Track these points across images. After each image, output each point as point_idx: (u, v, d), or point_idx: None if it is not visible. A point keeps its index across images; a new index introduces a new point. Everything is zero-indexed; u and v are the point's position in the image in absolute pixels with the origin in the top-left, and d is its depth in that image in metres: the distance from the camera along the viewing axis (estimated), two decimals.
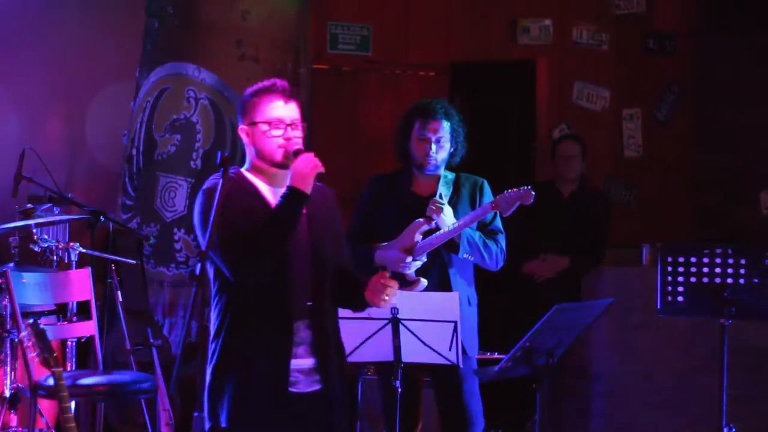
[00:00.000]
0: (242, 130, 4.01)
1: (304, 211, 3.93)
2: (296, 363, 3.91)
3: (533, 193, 4.98)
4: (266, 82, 4.03)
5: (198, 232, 3.97)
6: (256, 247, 3.82)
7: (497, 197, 5.06)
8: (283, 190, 3.94)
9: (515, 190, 5.01)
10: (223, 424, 3.88)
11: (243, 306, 3.90)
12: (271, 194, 3.97)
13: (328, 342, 3.98)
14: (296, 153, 3.93)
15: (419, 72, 8.01)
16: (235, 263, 3.83)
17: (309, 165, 3.89)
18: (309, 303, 3.93)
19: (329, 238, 4.02)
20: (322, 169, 3.90)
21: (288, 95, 3.99)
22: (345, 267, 4.11)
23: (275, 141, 3.95)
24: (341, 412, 4.00)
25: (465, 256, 5.09)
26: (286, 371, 3.89)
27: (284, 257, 3.89)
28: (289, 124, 3.96)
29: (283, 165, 3.95)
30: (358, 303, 4.09)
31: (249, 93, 4.04)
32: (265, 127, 3.94)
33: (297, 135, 3.98)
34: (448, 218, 5.06)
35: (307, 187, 3.88)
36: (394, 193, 5.28)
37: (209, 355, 3.96)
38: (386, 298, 3.95)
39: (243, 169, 4.03)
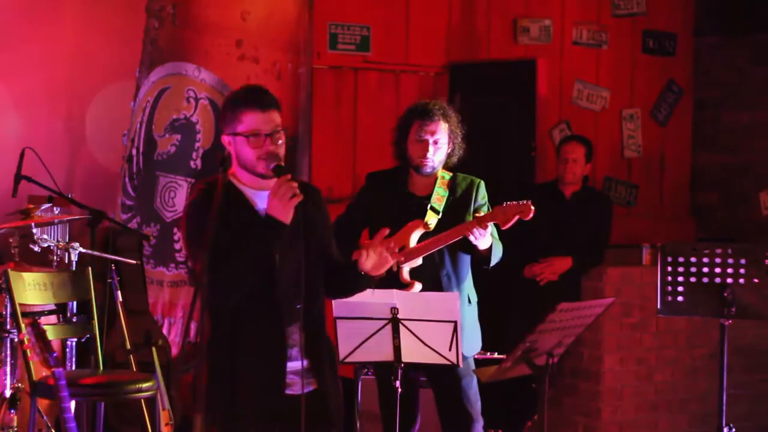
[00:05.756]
0: (224, 139, 4.00)
1: (293, 213, 3.90)
2: (290, 365, 3.94)
3: (533, 208, 4.94)
4: (242, 91, 4.00)
5: (186, 245, 3.97)
6: (233, 273, 3.82)
7: (495, 209, 5.02)
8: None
9: (515, 203, 4.97)
10: (221, 428, 3.90)
11: (236, 313, 3.91)
12: (256, 197, 3.97)
13: (319, 342, 4.01)
14: (276, 170, 3.89)
15: (419, 72, 8.01)
16: (211, 284, 3.78)
17: (285, 195, 3.82)
18: (299, 306, 3.90)
19: (317, 240, 4.03)
20: (299, 198, 3.84)
21: (265, 104, 3.93)
22: (336, 259, 4.14)
23: (255, 153, 3.91)
24: (336, 408, 4.04)
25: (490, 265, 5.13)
26: (283, 375, 3.92)
27: (273, 269, 3.89)
28: (268, 134, 3.92)
29: (265, 176, 3.93)
30: (361, 284, 4.11)
31: (227, 102, 4.01)
32: (244, 139, 3.92)
33: (278, 144, 3.93)
34: (485, 240, 5.03)
35: (286, 217, 3.84)
36: (391, 191, 5.28)
37: (204, 360, 3.95)
38: (387, 263, 4.01)
39: (229, 173, 4.01)
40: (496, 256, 5.11)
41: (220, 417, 3.90)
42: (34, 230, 5.82)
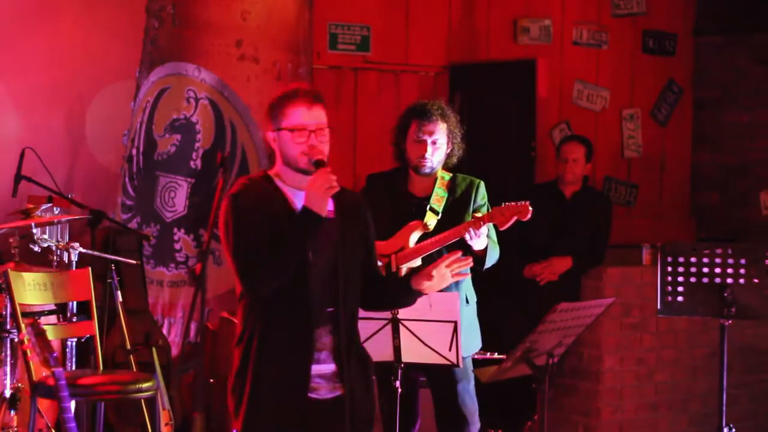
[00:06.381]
0: (269, 135, 4.01)
1: (332, 216, 3.91)
2: (318, 369, 3.91)
3: (531, 209, 4.94)
4: (291, 88, 4.03)
5: (221, 236, 3.97)
6: (266, 264, 3.82)
7: (493, 209, 5.01)
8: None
9: (513, 204, 4.96)
10: (241, 428, 3.89)
11: (266, 312, 3.90)
12: (296, 198, 3.95)
13: (349, 347, 3.96)
14: (317, 163, 3.89)
15: (419, 72, 8.01)
16: (244, 274, 3.85)
17: (323, 185, 3.82)
18: (330, 309, 3.92)
19: (356, 245, 4.01)
20: (336, 189, 3.85)
21: (311, 101, 3.97)
22: (376, 269, 4.14)
23: (299, 148, 3.92)
24: (363, 416, 3.98)
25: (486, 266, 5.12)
26: (307, 378, 3.89)
27: (305, 266, 3.88)
28: (313, 131, 3.94)
29: (307, 171, 3.92)
30: (408, 301, 4.16)
31: (275, 99, 4.02)
32: (288, 133, 3.93)
33: (322, 141, 3.95)
34: (481, 242, 5.01)
35: (321, 209, 3.83)
36: (390, 192, 5.28)
37: (234, 359, 3.96)
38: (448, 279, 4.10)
39: (271, 172, 4.02)
40: (492, 259, 5.10)
41: (243, 413, 3.88)
42: (34, 230, 5.82)
